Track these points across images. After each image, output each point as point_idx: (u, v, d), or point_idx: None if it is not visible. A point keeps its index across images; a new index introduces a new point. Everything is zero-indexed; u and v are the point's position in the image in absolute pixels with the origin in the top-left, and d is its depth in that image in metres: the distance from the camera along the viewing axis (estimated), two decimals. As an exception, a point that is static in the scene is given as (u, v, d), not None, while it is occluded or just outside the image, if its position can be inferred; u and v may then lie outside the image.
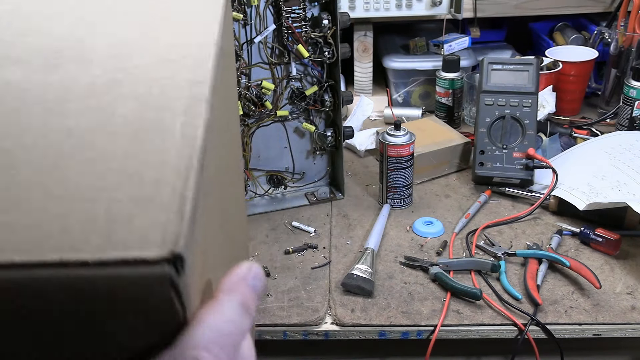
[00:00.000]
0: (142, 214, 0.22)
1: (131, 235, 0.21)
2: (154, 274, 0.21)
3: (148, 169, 0.24)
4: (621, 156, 1.05)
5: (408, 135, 0.99)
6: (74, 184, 0.23)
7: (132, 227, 0.22)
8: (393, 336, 0.79)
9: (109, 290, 0.21)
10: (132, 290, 0.22)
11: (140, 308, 0.22)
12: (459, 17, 1.27)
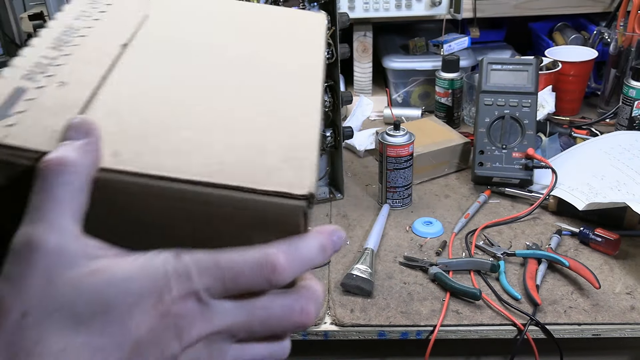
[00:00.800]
0: (292, 169, 0.33)
1: (283, 179, 0.32)
2: (296, 205, 0.32)
3: (295, 141, 0.36)
4: (621, 156, 1.05)
5: (407, 136, 1.00)
6: (248, 140, 0.35)
7: (285, 174, 0.33)
8: (392, 336, 0.79)
9: (264, 210, 0.32)
10: (278, 213, 0.32)
11: (279, 228, 0.32)
12: (458, 17, 1.27)
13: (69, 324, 0.27)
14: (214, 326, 0.29)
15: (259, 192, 0.31)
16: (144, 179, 0.31)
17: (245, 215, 0.32)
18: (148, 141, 0.33)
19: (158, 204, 0.31)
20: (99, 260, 0.29)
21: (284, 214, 0.32)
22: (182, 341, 0.29)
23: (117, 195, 0.31)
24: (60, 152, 0.29)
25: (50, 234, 0.28)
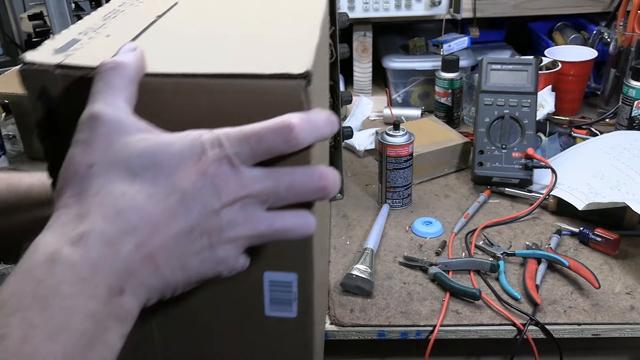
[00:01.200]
0: (290, 55, 0.41)
1: (283, 64, 0.39)
2: (296, 83, 0.38)
3: (293, 36, 0.44)
4: (620, 156, 1.05)
5: (407, 135, 1.00)
6: (255, 40, 0.44)
7: (284, 59, 0.40)
8: (392, 336, 0.79)
9: (270, 93, 0.38)
10: (283, 93, 0.38)
11: (286, 108, 0.38)
12: (458, 17, 1.27)
13: (126, 176, 0.33)
14: (247, 189, 0.35)
15: (264, 76, 0.38)
16: (176, 78, 0.39)
17: (256, 100, 0.39)
18: (177, 54, 0.43)
19: (185, 99, 0.39)
20: (146, 132, 0.35)
21: (287, 92, 0.38)
22: (221, 199, 0.34)
23: (153, 94, 0.38)
24: (114, 57, 0.37)
25: (108, 109, 0.35)
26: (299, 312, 0.50)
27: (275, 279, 0.49)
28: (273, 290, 0.49)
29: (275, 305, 0.50)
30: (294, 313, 0.50)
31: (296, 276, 0.48)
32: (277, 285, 0.49)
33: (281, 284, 0.49)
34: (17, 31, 1.72)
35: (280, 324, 0.51)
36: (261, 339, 0.52)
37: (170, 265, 0.34)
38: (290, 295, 0.49)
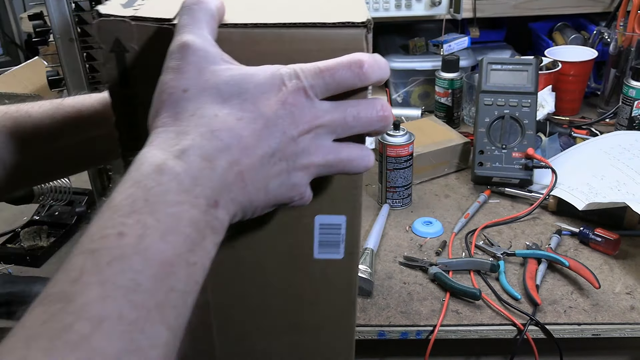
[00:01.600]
0: (350, 11, 0.44)
1: (346, 16, 0.43)
2: (359, 32, 0.42)
3: (349, 3, 0.47)
4: (620, 156, 1.05)
5: (407, 135, 1.00)
6: (317, 4, 0.47)
7: (346, 14, 0.44)
8: (392, 336, 0.79)
9: (336, 40, 0.42)
10: (347, 40, 0.42)
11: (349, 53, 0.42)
12: (458, 17, 1.27)
13: (217, 100, 0.37)
14: (320, 119, 0.38)
15: (330, 25, 0.42)
16: (245, 29, 0.42)
17: (321, 48, 0.43)
18: (244, 7, 0.46)
19: (253, 48, 0.42)
20: (230, 62, 0.39)
21: (351, 40, 0.43)
22: (298, 127, 0.37)
23: (223, 43, 0.41)
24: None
25: (197, 39, 0.37)
26: (345, 253, 0.53)
27: (326, 222, 0.52)
28: (322, 233, 0.52)
29: (323, 248, 0.53)
30: (341, 254, 0.53)
31: (345, 218, 0.51)
32: (326, 228, 0.52)
33: (331, 226, 0.52)
34: (17, 31, 1.72)
35: (327, 266, 0.54)
36: (308, 282, 0.55)
37: (255, 184, 0.37)
38: (339, 237, 0.53)
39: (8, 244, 0.97)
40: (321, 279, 0.55)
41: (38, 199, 0.94)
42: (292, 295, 0.57)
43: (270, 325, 0.59)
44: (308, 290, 0.56)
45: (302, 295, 0.57)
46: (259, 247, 0.53)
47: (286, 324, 0.58)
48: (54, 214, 1.03)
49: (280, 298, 0.57)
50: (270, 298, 0.57)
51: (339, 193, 0.50)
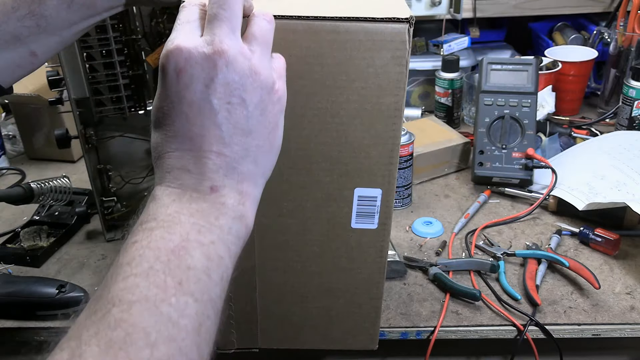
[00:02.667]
0: (397, 9, 0.51)
1: (391, 13, 0.50)
2: (403, 27, 0.50)
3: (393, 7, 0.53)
4: (620, 156, 1.05)
5: (407, 135, 0.99)
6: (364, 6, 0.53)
7: (392, 10, 0.51)
8: (392, 336, 0.79)
9: (382, 33, 0.50)
10: (392, 33, 0.50)
11: (393, 46, 0.51)
12: (458, 17, 1.27)
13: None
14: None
15: (379, 19, 0.49)
16: (307, 21, 0.50)
17: (372, 38, 0.50)
18: (303, 3, 0.53)
19: (316, 37, 0.50)
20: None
21: (396, 32, 0.50)
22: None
23: (287, 34, 0.49)
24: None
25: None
26: (379, 223, 0.60)
27: (364, 194, 0.58)
28: (360, 205, 0.59)
29: (360, 218, 0.60)
30: (375, 225, 0.60)
31: (381, 191, 0.58)
32: (364, 199, 0.59)
33: (368, 198, 0.59)
34: (17, 31, 1.72)
35: (362, 236, 0.61)
36: (344, 250, 0.62)
37: (236, 153, 0.42)
38: (375, 209, 0.59)
39: (8, 244, 0.97)
40: (356, 247, 0.62)
41: (38, 199, 0.94)
42: (328, 261, 0.63)
43: (307, 289, 0.65)
44: (343, 257, 0.63)
45: (338, 262, 0.63)
46: (303, 215, 0.60)
47: (321, 288, 0.65)
48: (54, 214, 1.03)
49: (317, 264, 0.63)
50: (308, 263, 0.63)
51: (377, 168, 0.57)
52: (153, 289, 0.34)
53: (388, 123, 0.55)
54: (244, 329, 0.69)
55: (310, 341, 0.70)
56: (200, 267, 0.37)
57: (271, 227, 0.61)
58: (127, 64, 0.84)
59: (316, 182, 0.58)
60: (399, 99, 0.54)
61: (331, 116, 0.55)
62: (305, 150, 0.57)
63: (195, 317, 0.35)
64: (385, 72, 0.53)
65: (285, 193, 0.59)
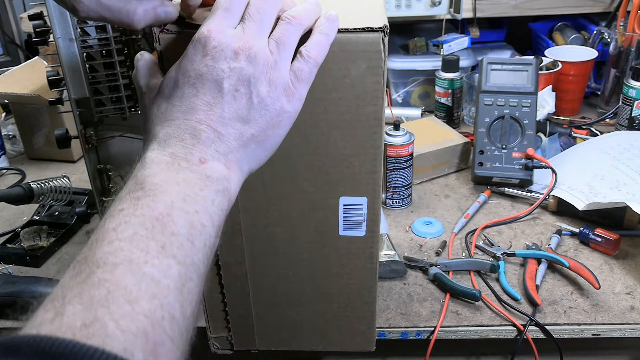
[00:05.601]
0: (372, 18, 0.51)
1: (365, 22, 0.50)
2: (377, 36, 0.50)
3: (363, 7, 0.55)
4: (620, 156, 1.05)
5: (407, 135, 0.99)
6: (341, 12, 0.51)
7: (368, 18, 0.51)
8: (392, 336, 0.79)
9: (356, 43, 0.50)
10: (366, 43, 0.50)
11: (367, 56, 0.51)
12: (458, 17, 1.27)
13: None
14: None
15: (351, 30, 0.50)
16: None
17: (345, 49, 0.51)
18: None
19: None
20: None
21: (369, 42, 0.50)
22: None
23: None
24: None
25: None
26: (367, 231, 0.61)
27: (349, 202, 0.59)
28: (347, 213, 0.60)
29: (347, 226, 0.61)
30: (363, 232, 0.61)
31: (366, 199, 0.59)
32: (350, 208, 0.59)
33: (354, 206, 0.59)
34: (17, 31, 1.72)
35: (351, 243, 0.62)
36: (334, 256, 0.63)
37: (227, 129, 0.45)
38: (361, 217, 0.60)
39: (8, 244, 0.97)
40: (345, 254, 0.63)
41: (38, 199, 0.94)
42: (318, 267, 0.64)
43: (299, 295, 0.66)
44: (333, 263, 0.63)
45: (328, 268, 0.64)
46: (290, 224, 0.61)
47: (314, 293, 0.66)
48: (54, 214, 1.03)
49: (308, 270, 0.64)
50: (299, 270, 0.64)
51: (361, 177, 0.57)
52: (136, 252, 0.36)
53: (368, 132, 0.55)
54: (241, 332, 0.70)
55: (308, 343, 0.71)
56: (184, 234, 0.38)
57: (260, 236, 0.62)
58: (127, 64, 0.84)
59: (300, 191, 0.59)
60: (378, 109, 0.54)
61: (310, 127, 0.55)
62: (287, 160, 0.57)
63: (178, 278, 0.37)
64: (362, 83, 0.53)
65: (270, 203, 0.60)
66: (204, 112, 0.44)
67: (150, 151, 0.43)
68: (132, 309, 0.33)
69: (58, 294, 0.34)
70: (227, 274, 0.64)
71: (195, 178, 0.41)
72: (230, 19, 0.46)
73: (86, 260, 0.36)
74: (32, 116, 1.22)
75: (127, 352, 0.31)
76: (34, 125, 1.22)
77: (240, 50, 0.44)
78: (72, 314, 0.32)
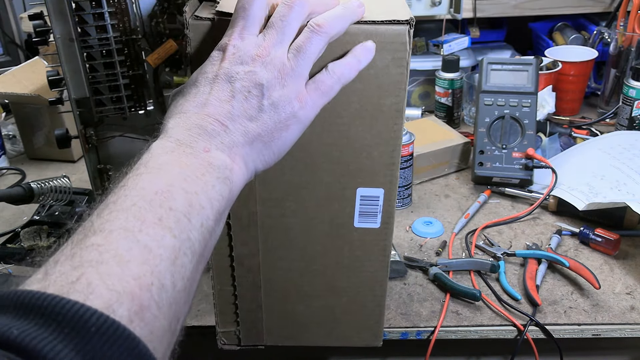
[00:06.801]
0: (398, 12, 0.53)
1: (392, 16, 0.52)
2: (403, 28, 0.51)
3: (394, 7, 0.55)
4: (620, 156, 1.05)
5: (407, 135, 0.99)
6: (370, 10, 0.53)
7: (394, 11, 0.53)
8: (392, 336, 0.79)
9: (384, 34, 0.52)
10: (393, 34, 0.52)
11: (393, 47, 0.52)
12: (458, 17, 1.27)
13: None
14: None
15: (379, 22, 0.51)
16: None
17: (374, 40, 0.51)
18: None
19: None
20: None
21: (396, 33, 0.51)
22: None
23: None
24: None
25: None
26: (382, 223, 0.61)
27: (366, 194, 0.59)
28: (363, 204, 0.60)
29: (363, 217, 0.61)
30: (378, 224, 0.61)
31: (383, 191, 0.59)
32: (366, 199, 0.60)
33: (370, 198, 0.60)
34: (17, 31, 1.72)
35: (365, 235, 0.62)
36: (347, 249, 0.63)
37: (236, 125, 0.47)
38: (377, 208, 0.60)
39: (8, 244, 0.97)
40: (359, 246, 0.63)
41: (38, 199, 0.94)
42: (332, 260, 0.64)
43: (311, 288, 0.66)
44: (347, 256, 0.63)
45: (341, 260, 0.64)
46: (306, 215, 0.61)
47: (325, 286, 0.66)
48: (54, 214, 1.03)
49: (321, 262, 0.64)
50: (312, 262, 0.64)
51: (379, 168, 0.58)
52: (132, 221, 0.37)
53: (389, 123, 0.56)
54: (250, 327, 0.70)
55: (315, 338, 0.71)
56: (182, 210, 0.39)
57: (275, 227, 0.62)
58: (127, 64, 0.84)
59: (318, 182, 0.59)
60: (400, 100, 0.55)
61: (333, 117, 0.55)
62: (306, 150, 0.57)
63: (172, 250, 0.37)
64: (386, 74, 0.53)
65: (287, 193, 0.60)
66: (214, 107, 0.46)
67: (157, 139, 0.44)
68: (120, 271, 0.33)
69: (52, 259, 0.35)
70: (239, 265, 0.65)
71: (198, 163, 0.43)
72: (251, 27, 0.48)
73: (83, 229, 0.37)
74: (32, 116, 1.22)
75: (110, 309, 0.31)
76: (34, 125, 1.22)
77: (258, 57, 0.47)
78: (60, 273, 0.33)
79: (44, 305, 0.30)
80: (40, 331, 0.29)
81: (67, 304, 0.30)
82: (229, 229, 0.62)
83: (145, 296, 0.34)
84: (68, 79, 0.82)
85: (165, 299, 0.35)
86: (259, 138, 0.47)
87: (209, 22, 0.52)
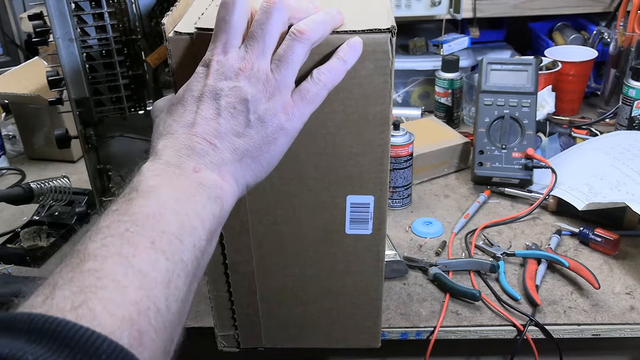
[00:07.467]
0: (380, 19, 0.53)
1: (373, 24, 0.51)
2: (384, 37, 0.51)
3: (371, 9, 0.56)
4: (620, 156, 1.05)
5: (407, 135, 0.99)
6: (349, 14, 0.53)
7: (376, 19, 0.52)
8: (392, 336, 0.79)
9: (368, 44, 0.51)
10: (374, 43, 0.51)
11: (375, 56, 0.52)
12: (458, 17, 1.27)
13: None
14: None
15: (359, 31, 0.51)
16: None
17: None
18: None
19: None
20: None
21: (377, 42, 0.51)
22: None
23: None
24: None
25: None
26: (373, 229, 0.61)
27: (356, 201, 0.60)
28: (353, 211, 0.60)
29: (354, 224, 0.61)
30: (369, 230, 0.61)
31: (373, 198, 0.59)
32: (357, 206, 0.60)
33: (360, 205, 0.60)
34: (17, 31, 1.72)
35: (358, 241, 0.62)
36: (340, 254, 0.64)
37: (224, 144, 0.47)
38: (368, 215, 0.60)
39: (8, 244, 0.97)
40: (352, 252, 0.63)
41: (38, 199, 0.94)
42: (325, 265, 0.65)
43: (306, 292, 0.67)
44: (340, 261, 0.64)
45: (335, 266, 0.64)
46: (298, 222, 0.61)
47: (321, 291, 0.67)
48: (54, 214, 1.03)
49: (315, 268, 0.66)
50: (306, 268, 0.65)
51: (368, 176, 0.58)
52: (126, 247, 0.37)
53: (376, 132, 0.56)
54: (248, 330, 0.70)
55: (314, 340, 0.71)
56: (174, 232, 0.40)
57: (267, 235, 0.63)
58: (127, 64, 0.84)
59: (307, 190, 0.59)
60: (385, 108, 0.55)
61: (318, 127, 0.55)
62: (294, 159, 0.57)
63: (165, 273, 0.38)
64: (370, 82, 0.53)
65: (277, 202, 0.60)
66: (201, 126, 0.45)
67: (147, 162, 0.45)
68: (119, 296, 0.34)
69: (49, 282, 0.35)
70: (234, 272, 0.65)
71: (188, 184, 0.43)
72: (233, 39, 0.48)
73: (78, 254, 0.37)
74: (32, 116, 1.22)
75: (115, 335, 0.32)
76: (34, 125, 1.22)
77: (241, 71, 0.47)
78: (61, 298, 0.33)
79: (57, 330, 0.31)
80: (54, 357, 0.30)
81: (79, 330, 0.31)
82: (221, 237, 0.62)
83: (144, 321, 0.35)
84: (68, 79, 0.82)
85: (161, 322, 0.36)
86: (248, 153, 0.47)
87: (189, 37, 0.52)
